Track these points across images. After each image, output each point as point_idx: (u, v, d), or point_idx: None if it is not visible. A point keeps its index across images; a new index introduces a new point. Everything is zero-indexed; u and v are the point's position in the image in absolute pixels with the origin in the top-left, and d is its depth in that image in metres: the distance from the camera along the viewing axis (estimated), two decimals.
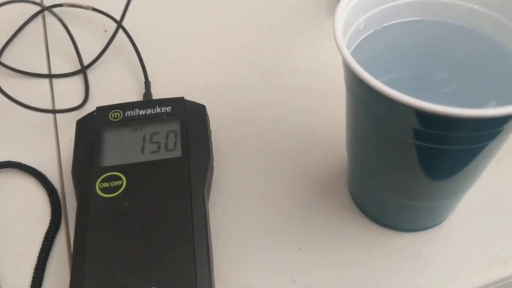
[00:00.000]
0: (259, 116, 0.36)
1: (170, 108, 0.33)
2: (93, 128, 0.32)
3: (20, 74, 0.39)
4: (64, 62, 0.40)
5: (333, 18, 0.24)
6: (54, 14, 0.42)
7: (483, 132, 0.22)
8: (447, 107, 0.20)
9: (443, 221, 0.30)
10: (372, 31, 0.27)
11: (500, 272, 0.28)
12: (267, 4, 0.44)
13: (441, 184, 0.26)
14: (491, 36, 0.27)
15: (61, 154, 0.34)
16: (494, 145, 0.24)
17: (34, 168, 0.34)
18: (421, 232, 0.30)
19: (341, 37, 0.23)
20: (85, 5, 0.42)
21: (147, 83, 0.37)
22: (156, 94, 0.37)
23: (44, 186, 0.33)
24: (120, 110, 0.33)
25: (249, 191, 0.32)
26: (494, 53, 0.27)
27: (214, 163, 0.33)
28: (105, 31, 0.42)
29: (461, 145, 0.23)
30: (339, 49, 0.22)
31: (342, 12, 0.24)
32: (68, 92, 0.38)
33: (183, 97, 0.33)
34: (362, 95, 0.23)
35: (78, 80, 0.39)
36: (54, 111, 0.36)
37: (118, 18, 0.41)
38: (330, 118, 0.36)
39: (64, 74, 0.39)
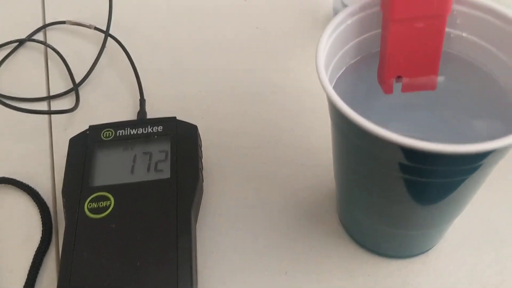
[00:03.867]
0: (252, 136, 0.36)
1: (161, 128, 0.33)
2: (85, 147, 0.32)
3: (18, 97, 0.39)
4: (63, 81, 0.41)
5: (315, 53, 0.24)
6: (37, 41, 0.43)
7: (462, 167, 0.22)
8: (421, 142, 0.20)
9: (430, 248, 0.30)
10: (358, 57, 0.27)
11: None
12: (265, 24, 0.44)
13: (426, 214, 0.26)
14: (480, 64, 0.27)
15: (55, 170, 0.35)
16: (476, 178, 0.23)
17: (27, 185, 0.34)
18: (408, 260, 0.30)
19: (324, 74, 0.23)
20: (88, 24, 0.42)
21: (142, 101, 0.37)
22: (151, 110, 0.37)
23: (36, 203, 0.33)
24: (112, 129, 0.33)
25: (238, 213, 0.32)
26: (481, 80, 0.27)
27: (205, 183, 0.33)
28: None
29: (441, 178, 0.23)
30: (322, 85, 0.22)
31: (324, 45, 0.24)
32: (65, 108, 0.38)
33: (175, 117, 0.34)
34: (345, 129, 0.24)
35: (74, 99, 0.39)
36: (49, 112, 0.37)
37: (121, 42, 0.41)
38: (322, 140, 0.35)
39: (60, 94, 0.39)
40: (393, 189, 0.24)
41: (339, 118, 0.23)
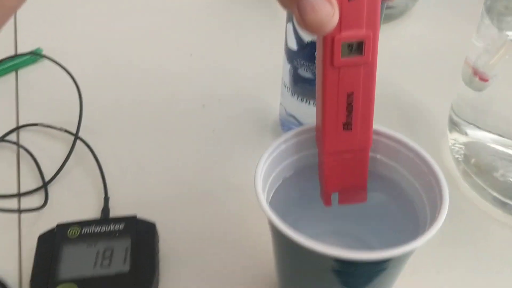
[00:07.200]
0: (205, 231, 0.40)
1: (123, 226, 0.37)
2: (53, 244, 0.36)
3: None
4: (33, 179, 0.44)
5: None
6: (10, 142, 0.47)
7: (378, 266, 0.27)
8: (343, 253, 0.25)
9: None
10: (293, 172, 0.33)
11: None
12: (220, 127, 0.49)
13: None
14: (393, 180, 0.32)
15: (22, 263, 0.38)
16: (392, 271, 0.28)
17: None
18: None
19: (262, 195, 0.28)
20: (58, 127, 0.47)
21: (106, 199, 0.41)
22: (115, 207, 0.41)
23: None
24: (78, 227, 0.37)
25: None
26: (397, 194, 0.32)
27: (162, 275, 0.37)
28: None
29: (363, 272, 0.27)
30: (261, 206, 0.27)
31: (262, 167, 0.29)
32: (34, 205, 0.42)
33: (135, 216, 0.38)
34: (281, 240, 0.28)
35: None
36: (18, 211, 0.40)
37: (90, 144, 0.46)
38: (266, 235, 0.40)
39: (30, 191, 0.43)
40: (322, 283, 0.29)
41: (274, 229, 0.28)
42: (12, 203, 0.42)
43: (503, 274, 0.38)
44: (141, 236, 0.37)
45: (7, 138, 0.47)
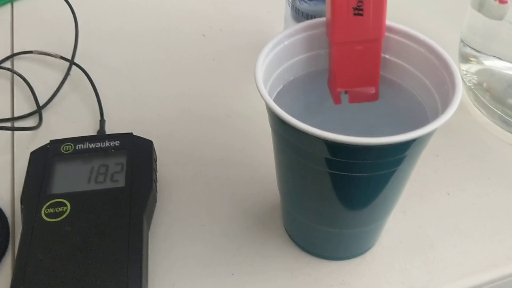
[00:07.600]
0: (206, 155, 0.39)
1: (118, 142, 0.35)
2: (45, 159, 0.34)
3: None
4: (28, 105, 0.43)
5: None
6: (4, 68, 0.45)
7: (386, 159, 0.25)
8: (349, 137, 0.23)
9: (366, 251, 0.33)
10: (292, 78, 0.31)
11: None
12: (221, 56, 0.47)
13: (357, 211, 0.28)
14: (401, 81, 0.30)
15: (14, 183, 0.36)
16: (400, 173, 0.26)
17: None
18: (346, 261, 0.32)
19: (261, 81, 0.26)
20: (54, 54, 0.45)
21: (102, 121, 0.40)
22: (111, 131, 0.40)
23: None
24: (72, 143, 0.35)
25: (190, 222, 0.34)
26: (399, 92, 0.30)
27: (160, 195, 0.35)
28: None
29: (369, 172, 0.26)
30: (259, 91, 0.25)
31: (262, 62, 0.27)
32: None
33: (131, 133, 0.36)
34: (280, 131, 0.26)
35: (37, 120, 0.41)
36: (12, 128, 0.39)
37: (84, 67, 0.44)
38: (270, 157, 0.38)
39: (24, 115, 0.41)
40: (325, 187, 0.27)
41: (273, 119, 0.26)
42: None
43: None
44: (137, 152, 0.35)
45: (2, 65, 0.46)
